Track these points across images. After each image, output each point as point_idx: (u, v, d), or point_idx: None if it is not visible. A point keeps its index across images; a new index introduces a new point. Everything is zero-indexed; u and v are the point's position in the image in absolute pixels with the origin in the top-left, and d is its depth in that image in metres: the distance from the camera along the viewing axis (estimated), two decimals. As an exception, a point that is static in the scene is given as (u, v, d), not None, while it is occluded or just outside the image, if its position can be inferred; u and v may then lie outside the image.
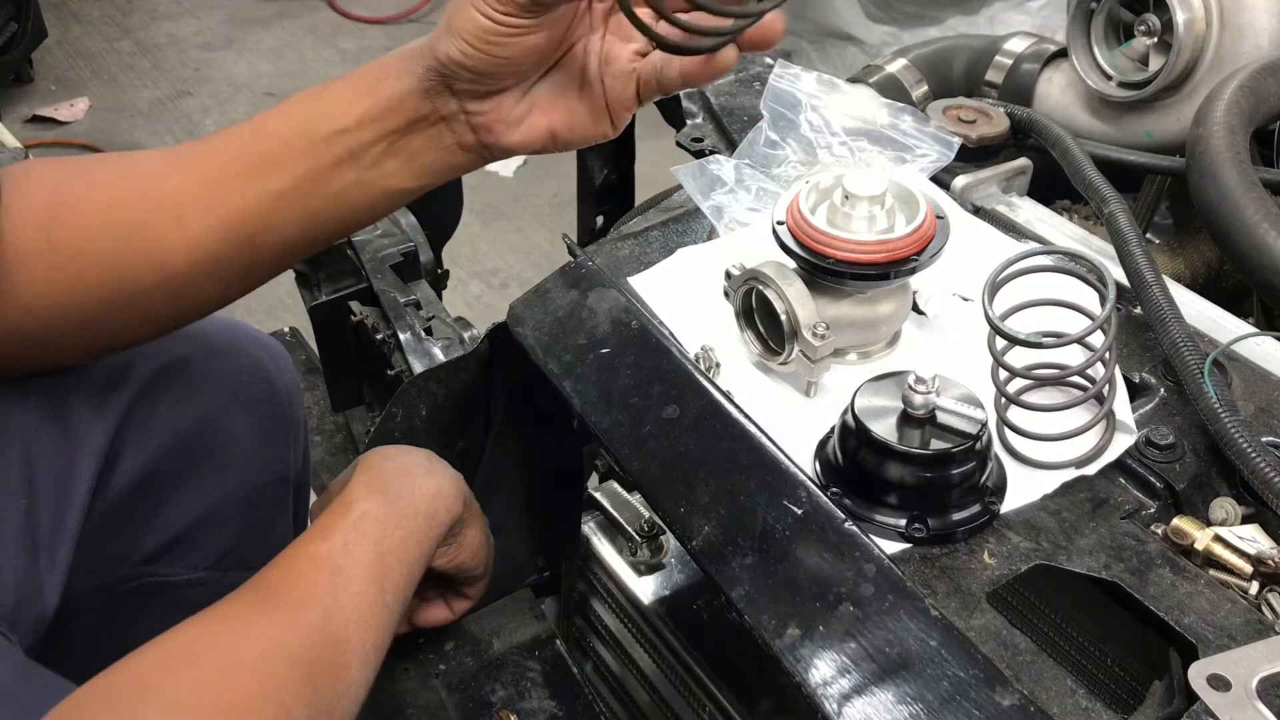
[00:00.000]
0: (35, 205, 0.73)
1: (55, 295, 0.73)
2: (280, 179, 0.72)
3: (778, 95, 1.12)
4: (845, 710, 0.64)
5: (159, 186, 0.74)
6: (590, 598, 1.17)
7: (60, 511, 0.78)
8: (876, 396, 0.76)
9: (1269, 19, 1.09)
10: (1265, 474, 0.72)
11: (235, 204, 0.72)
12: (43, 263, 0.72)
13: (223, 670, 0.62)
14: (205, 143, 0.76)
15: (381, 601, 0.72)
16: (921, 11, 3.08)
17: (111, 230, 0.73)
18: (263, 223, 0.73)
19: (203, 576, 0.91)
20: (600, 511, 1.16)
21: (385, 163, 0.73)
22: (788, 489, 0.76)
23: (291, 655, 0.64)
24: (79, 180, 0.76)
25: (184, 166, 0.74)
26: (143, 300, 0.75)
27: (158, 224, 0.73)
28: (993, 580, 0.73)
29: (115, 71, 3.38)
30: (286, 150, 0.72)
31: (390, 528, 0.76)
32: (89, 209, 0.73)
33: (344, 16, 3.69)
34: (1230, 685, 0.62)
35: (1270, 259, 0.88)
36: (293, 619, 0.67)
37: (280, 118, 0.74)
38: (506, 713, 0.95)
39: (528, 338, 0.92)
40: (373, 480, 0.79)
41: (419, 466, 0.83)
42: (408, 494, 0.80)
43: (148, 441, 0.84)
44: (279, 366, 0.96)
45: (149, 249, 0.73)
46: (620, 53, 0.72)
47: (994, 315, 0.78)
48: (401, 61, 0.72)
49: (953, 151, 1.06)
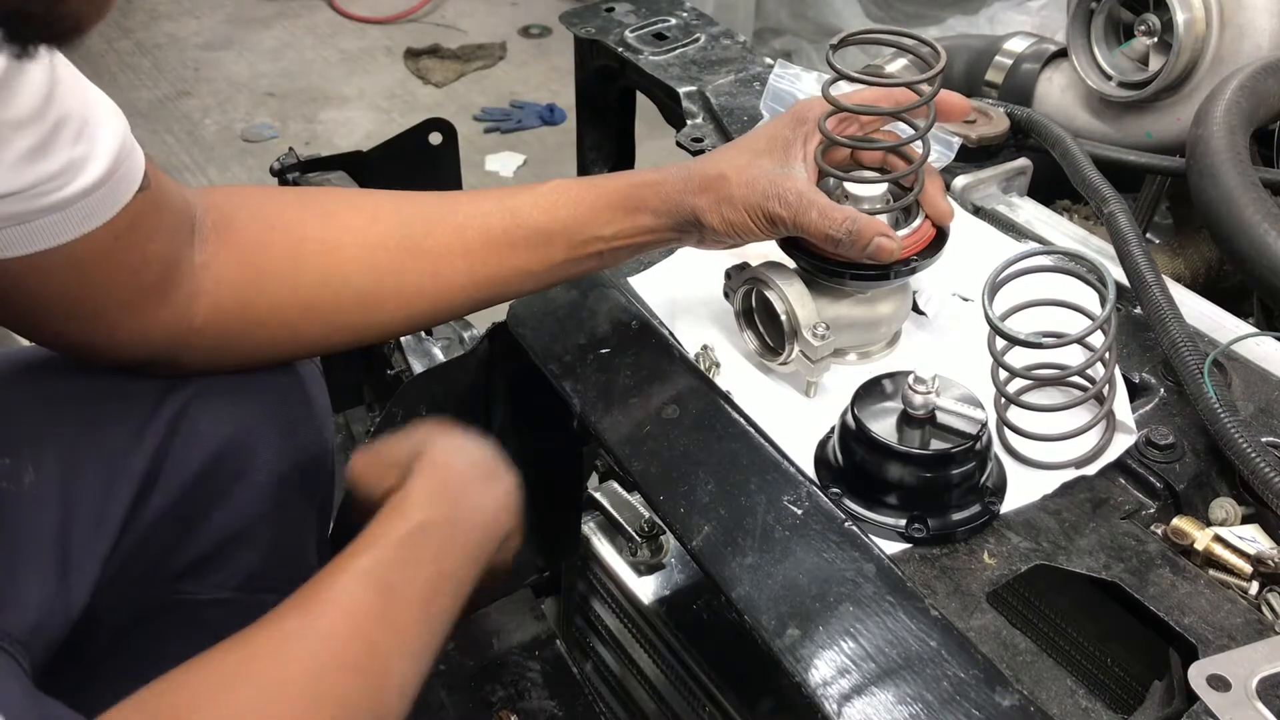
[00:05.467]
0: (273, 229, 0.81)
1: (296, 313, 0.81)
2: (537, 263, 0.83)
3: (778, 95, 1.12)
4: (845, 710, 0.64)
5: (419, 243, 0.82)
6: (590, 598, 1.17)
7: (94, 532, 0.76)
8: (876, 396, 0.76)
9: (1269, 19, 1.09)
10: (1265, 474, 0.72)
11: (490, 273, 0.83)
12: (286, 283, 0.80)
13: (269, 691, 0.59)
14: (454, 208, 0.84)
15: (429, 629, 0.67)
16: (921, 11, 3.08)
17: (367, 270, 0.81)
18: (508, 289, 0.86)
19: (230, 597, 0.89)
20: (600, 511, 1.15)
21: (624, 256, 0.87)
22: (788, 489, 0.76)
23: (328, 688, 0.61)
24: (320, 219, 0.83)
25: (440, 228, 0.82)
26: (376, 328, 0.85)
27: (414, 275, 0.82)
28: (993, 580, 0.73)
29: (115, 71, 3.38)
30: (547, 241, 0.83)
31: (450, 546, 0.70)
32: (340, 247, 0.81)
33: (344, 16, 3.69)
34: (1230, 685, 0.62)
35: (1270, 259, 0.88)
36: (335, 648, 0.63)
37: (541, 213, 0.83)
38: (506, 713, 0.95)
39: (528, 338, 0.92)
40: (436, 486, 0.72)
41: (483, 469, 0.76)
42: (473, 505, 0.73)
43: (187, 464, 0.82)
44: (319, 389, 0.94)
45: (402, 291, 0.82)
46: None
47: (994, 315, 0.78)
48: (660, 201, 0.82)
49: (953, 151, 1.06)
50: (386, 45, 3.53)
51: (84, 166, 0.65)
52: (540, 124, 3.09)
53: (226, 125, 3.10)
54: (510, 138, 3.04)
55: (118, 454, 0.79)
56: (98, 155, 0.66)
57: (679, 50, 1.31)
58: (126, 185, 0.69)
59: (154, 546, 0.82)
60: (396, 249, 0.82)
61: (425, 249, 0.82)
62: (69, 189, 0.65)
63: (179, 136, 3.06)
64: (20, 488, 0.74)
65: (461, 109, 3.15)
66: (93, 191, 0.67)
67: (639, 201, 0.82)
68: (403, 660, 0.65)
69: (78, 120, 0.65)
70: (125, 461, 0.79)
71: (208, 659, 0.61)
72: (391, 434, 0.78)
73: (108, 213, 0.69)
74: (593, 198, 0.83)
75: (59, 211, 0.66)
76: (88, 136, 0.66)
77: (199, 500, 0.83)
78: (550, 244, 0.83)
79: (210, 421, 0.83)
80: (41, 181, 0.63)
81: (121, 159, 0.68)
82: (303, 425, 0.90)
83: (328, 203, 0.87)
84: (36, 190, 0.64)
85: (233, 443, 0.84)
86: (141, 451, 0.79)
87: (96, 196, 0.67)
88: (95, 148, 0.66)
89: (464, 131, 2.26)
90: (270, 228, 0.81)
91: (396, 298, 0.83)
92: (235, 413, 0.84)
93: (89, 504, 0.76)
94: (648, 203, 0.82)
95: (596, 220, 0.83)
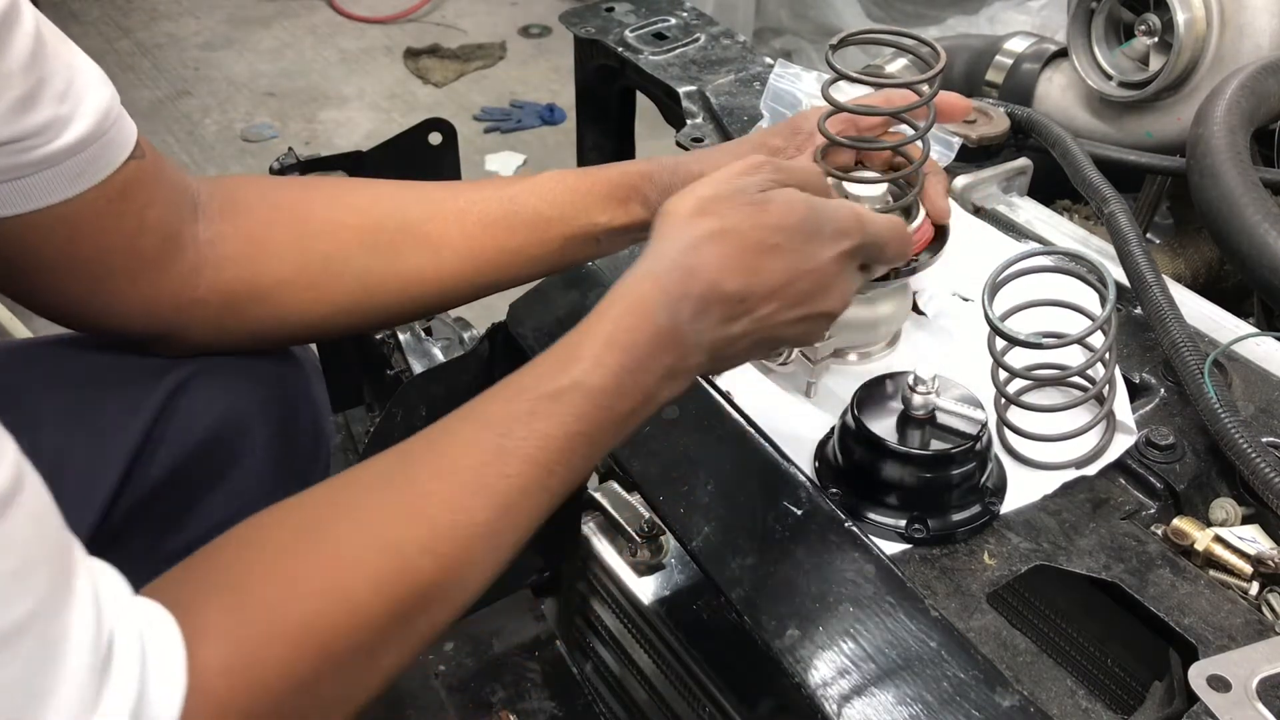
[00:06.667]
0: (278, 208, 0.82)
1: (299, 291, 0.81)
2: (535, 247, 0.84)
3: (778, 95, 1.12)
4: (845, 711, 0.64)
5: (419, 227, 0.83)
6: (590, 598, 1.17)
7: (83, 500, 0.77)
8: (876, 396, 0.76)
9: (1269, 19, 1.09)
10: (1265, 474, 0.72)
11: (490, 257, 0.83)
12: (290, 261, 0.80)
13: (344, 557, 0.56)
14: (454, 194, 0.85)
15: (543, 487, 0.61)
16: (921, 11, 3.08)
17: (368, 250, 0.82)
18: (507, 274, 0.85)
19: None
20: (600, 511, 1.15)
21: (621, 244, 0.87)
22: (788, 489, 0.76)
23: (409, 561, 0.57)
24: (325, 201, 0.85)
25: (440, 212, 0.84)
26: (378, 310, 0.85)
27: (414, 257, 0.83)
28: (993, 581, 0.72)
29: (115, 71, 3.37)
30: (545, 226, 0.83)
31: (602, 406, 0.62)
32: (343, 228, 0.82)
33: (344, 16, 3.69)
34: (1230, 686, 0.62)
35: (1270, 259, 0.88)
36: (405, 507, 0.59)
37: (538, 199, 0.83)
38: (506, 713, 0.95)
39: (528, 338, 0.92)
40: (619, 335, 0.63)
41: (688, 329, 0.65)
42: (651, 365, 0.63)
43: (181, 442, 0.83)
44: (317, 378, 0.95)
45: (403, 273, 0.83)
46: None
47: (994, 316, 0.78)
48: (652, 191, 0.82)
49: (953, 151, 1.06)
50: (386, 45, 3.53)
51: (69, 123, 0.67)
52: (540, 124, 3.09)
53: (226, 125, 3.10)
54: (510, 137, 3.04)
55: (110, 428, 0.80)
56: (82, 114, 0.68)
57: (679, 50, 1.31)
58: (117, 149, 0.71)
59: (153, 523, 0.83)
60: (396, 230, 0.83)
61: (425, 232, 0.83)
62: (55, 144, 0.66)
63: (179, 136, 3.06)
64: None
65: (461, 109, 3.15)
66: (80, 150, 0.68)
67: (631, 191, 0.83)
68: (498, 514, 0.60)
69: (62, 80, 0.67)
70: (117, 435, 0.80)
71: (285, 509, 0.59)
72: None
73: (99, 173, 0.70)
74: (587, 186, 0.84)
75: (49, 168, 0.67)
76: (73, 96, 0.67)
77: (193, 481, 0.84)
78: (548, 230, 0.83)
79: (205, 402, 0.84)
80: (28, 135, 0.65)
81: (109, 122, 0.70)
82: (300, 412, 0.91)
83: (331, 188, 0.89)
84: (24, 144, 0.65)
85: (228, 425, 0.85)
86: (134, 426, 0.80)
87: (86, 156, 0.69)
88: (80, 107, 0.68)
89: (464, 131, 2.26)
90: (275, 207, 0.83)
91: (397, 278, 0.83)
92: (231, 395, 0.85)
93: (78, 475, 0.77)
94: (640, 191, 0.83)
95: (592, 209, 0.83)
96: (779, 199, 0.69)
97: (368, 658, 0.56)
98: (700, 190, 0.69)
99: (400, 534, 0.58)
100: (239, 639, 0.52)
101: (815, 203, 0.70)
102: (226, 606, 0.53)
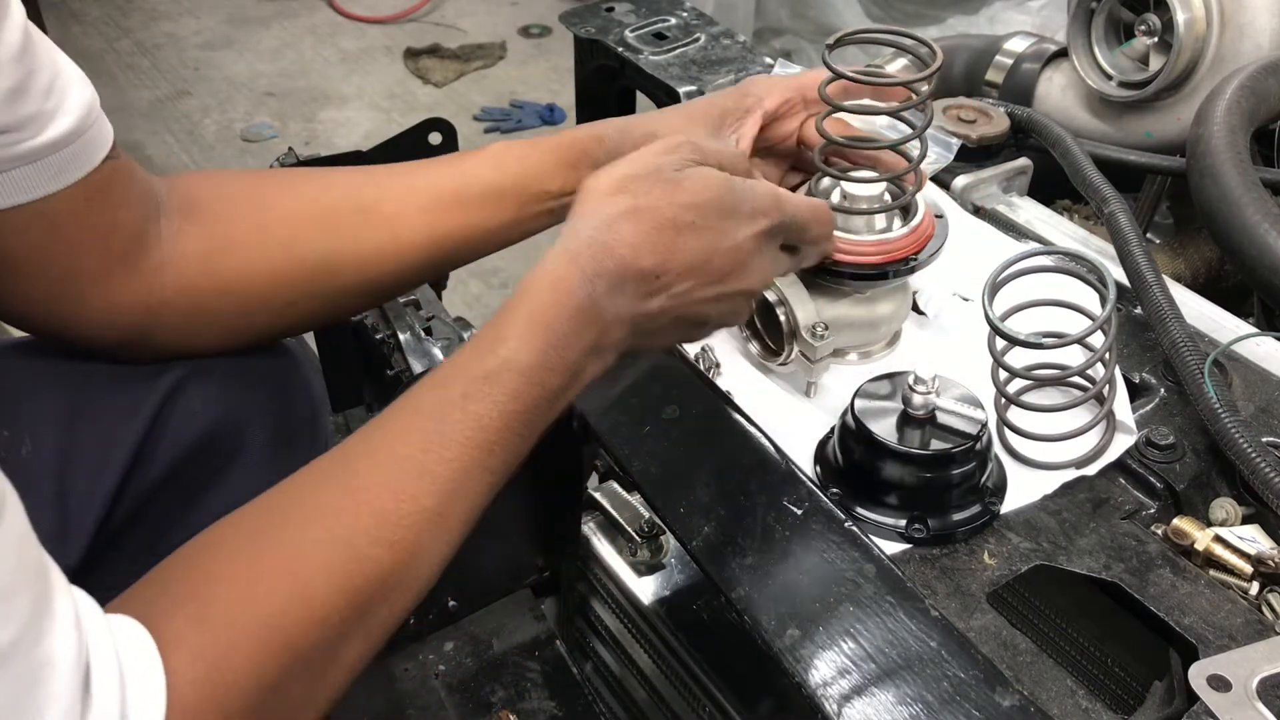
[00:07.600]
0: (234, 201, 0.82)
1: (263, 280, 0.81)
2: (490, 218, 0.84)
3: (778, 95, 1.12)
4: (845, 711, 0.63)
5: (376, 207, 0.83)
6: (590, 598, 1.17)
7: (88, 500, 0.78)
8: (876, 396, 0.76)
9: (1269, 19, 1.09)
10: (1265, 474, 0.72)
11: (446, 230, 0.83)
12: (251, 251, 0.80)
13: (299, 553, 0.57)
14: (407, 173, 0.85)
15: (484, 468, 0.62)
16: (921, 11, 3.08)
17: (328, 233, 0.82)
18: (466, 247, 0.85)
19: None
20: (600, 511, 1.15)
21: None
22: (788, 489, 0.76)
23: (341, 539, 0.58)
24: (279, 189, 0.85)
25: (394, 191, 0.84)
26: (342, 295, 0.85)
27: (372, 237, 0.82)
28: (993, 581, 0.72)
29: (115, 71, 3.38)
30: (499, 196, 0.83)
31: (534, 382, 0.63)
32: (299, 214, 0.82)
33: (344, 16, 3.69)
34: (1230, 686, 0.62)
35: (1270, 259, 0.88)
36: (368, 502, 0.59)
37: (490, 169, 0.84)
38: (506, 713, 0.95)
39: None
40: (541, 313, 0.64)
41: (605, 305, 0.66)
42: (573, 342, 0.65)
43: (181, 440, 0.83)
44: (314, 372, 0.95)
45: (361, 253, 0.83)
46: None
47: (994, 315, 0.78)
48: (603, 153, 0.82)
49: (953, 151, 1.06)
50: (386, 45, 3.53)
51: (53, 118, 0.67)
52: (540, 124, 3.09)
53: (226, 125, 3.10)
54: (510, 137, 3.05)
55: (112, 426, 0.80)
56: (66, 110, 0.68)
57: (679, 50, 1.31)
58: (96, 148, 0.72)
59: (155, 520, 0.83)
60: (353, 211, 0.83)
61: (382, 211, 0.83)
62: (40, 138, 0.67)
63: (179, 136, 3.06)
64: (18, 459, 0.75)
65: (461, 109, 3.15)
66: (63, 146, 0.69)
67: (581, 155, 0.83)
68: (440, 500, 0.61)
69: (47, 75, 0.67)
70: (119, 433, 0.80)
71: (240, 515, 0.60)
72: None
73: (79, 171, 0.70)
74: (538, 154, 0.84)
75: (32, 163, 0.67)
76: (57, 92, 0.68)
77: (193, 478, 0.84)
78: (502, 200, 0.84)
79: (204, 400, 0.84)
80: (16, 127, 0.65)
81: (90, 121, 0.71)
82: (298, 411, 0.91)
83: (285, 177, 0.89)
84: (10, 136, 0.65)
85: (227, 422, 0.85)
86: (136, 424, 0.80)
87: (67, 153, 0.69)
88: (64, 103, 0.68)
89: (464, 131, 2.26)
90: (232, 200, 0.83)
91: (357, 258, 0.83)
92: (229, 392, 0.85)
93: (84, 473, 0.77)
94: (590, 155, 0.83)
95: (544, 176, 0.83)
96: (695, 177, 0.70)
97: (331, 651, 0.57)
98: (618, 169, 0.70)
99: (349, 527, 0.59)
100: (205, 648, 0.52)
101: (732, 182, 0.71)
102: (192, 617, 0.53)
